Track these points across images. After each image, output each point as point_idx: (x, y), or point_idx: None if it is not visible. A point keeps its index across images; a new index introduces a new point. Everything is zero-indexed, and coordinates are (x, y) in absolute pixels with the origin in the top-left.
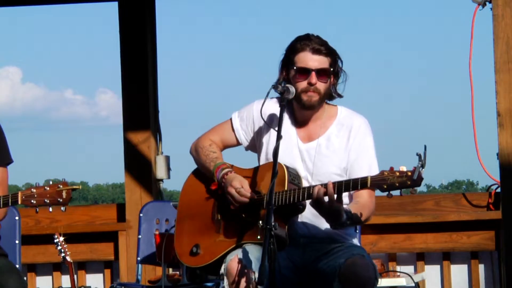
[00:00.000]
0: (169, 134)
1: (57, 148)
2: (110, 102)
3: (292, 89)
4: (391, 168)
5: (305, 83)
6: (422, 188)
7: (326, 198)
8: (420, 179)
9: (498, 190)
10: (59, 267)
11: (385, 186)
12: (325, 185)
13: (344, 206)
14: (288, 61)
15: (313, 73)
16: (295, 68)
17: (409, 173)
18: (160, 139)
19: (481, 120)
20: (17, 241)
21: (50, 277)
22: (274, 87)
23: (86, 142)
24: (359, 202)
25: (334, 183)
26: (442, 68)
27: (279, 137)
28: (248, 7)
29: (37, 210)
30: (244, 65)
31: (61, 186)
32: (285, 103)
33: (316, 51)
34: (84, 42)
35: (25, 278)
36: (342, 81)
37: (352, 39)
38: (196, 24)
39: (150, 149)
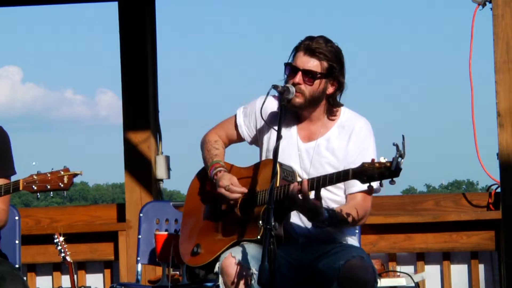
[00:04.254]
0: (169, 134)
1: (57, 148)
2: (110, 102)
3: (292, 89)
4: (372, 160)
5: (292, 81)
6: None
7: (300, 196)
8: (398, 169)
9: (498, 190)
10: (59, 267)
11: (365, 178)
12: (300, 183)
13: (335, 206)
14: (289, 58)
15: (299, 73)
16: (287, 64)
17: (388, 164)
18: (160, 139)
19: (481, 120)
20: (17, 241)
21: (50, 277)
22: (275, 86)
23: (86, 142)
24: (350, 204)
25: (309, 180)
26: (442, 68)
27: (279, 137)
28: (248, 7)
29: (38, 195)
30: (245, 65)
31: (63, 172)
32: (285, 103)
33: (308, 51)
34: (84, 42)
35: (24, 278)
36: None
37: (351, 39)
38: (196, 24)
39: (150, 149)
